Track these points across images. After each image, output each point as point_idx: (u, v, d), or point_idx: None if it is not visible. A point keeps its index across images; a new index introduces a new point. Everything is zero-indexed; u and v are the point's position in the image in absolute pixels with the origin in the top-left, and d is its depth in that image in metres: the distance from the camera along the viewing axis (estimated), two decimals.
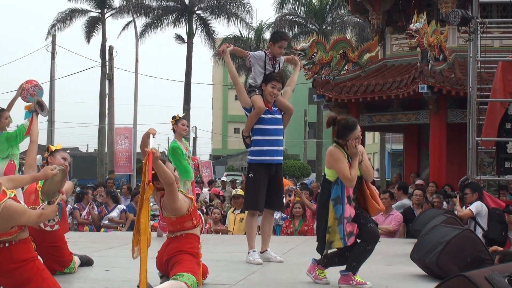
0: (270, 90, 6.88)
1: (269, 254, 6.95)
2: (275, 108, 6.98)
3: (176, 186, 5.17)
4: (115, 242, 8.80)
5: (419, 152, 17.33)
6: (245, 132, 7.01)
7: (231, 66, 7.17)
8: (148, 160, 4.86)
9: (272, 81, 6.89)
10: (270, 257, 6.92)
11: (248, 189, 7.10)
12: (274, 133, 6.92)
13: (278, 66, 7.07)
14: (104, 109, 33.34)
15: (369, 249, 5.64)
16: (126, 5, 34.25)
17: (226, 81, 56.92)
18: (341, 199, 5.52)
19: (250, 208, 7.01)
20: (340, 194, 5.53)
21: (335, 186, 5.57)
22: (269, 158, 6.91)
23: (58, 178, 4.97)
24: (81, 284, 5.68)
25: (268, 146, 6.92)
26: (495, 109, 10.00)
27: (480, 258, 5.95)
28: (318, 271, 5.80)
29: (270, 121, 6.92)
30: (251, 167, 6.96)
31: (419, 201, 10.70)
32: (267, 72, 6.96)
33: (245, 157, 37.78)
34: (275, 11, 36.28)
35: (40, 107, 7.05)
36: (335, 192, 5.56)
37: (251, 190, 6.95)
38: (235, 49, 7.32)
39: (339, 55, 15.26)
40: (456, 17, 10.05)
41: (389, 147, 41.41)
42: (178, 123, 9.05)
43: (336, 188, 5.56)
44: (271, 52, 7.00)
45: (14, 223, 4.58)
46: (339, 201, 5.52)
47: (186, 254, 5.19)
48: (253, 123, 6.91)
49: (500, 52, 12.21)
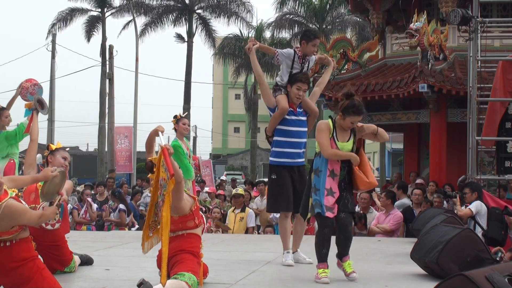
0: (296, 92, 6.63)
1: (299, 256, 6.90)
2: (300, 110, 6.75)
3: (182, 184, 5.18)
4: (115, 241, 8.80)
5: (419, 152, 17.33)
6: (268, 132, 6.81)
7: (256, 65, 6.84)
8: (164, 156, 4.85)
9: (298, 82, 6.62)
10: (299, 258, 6.85)
11: (271, 191, 6.85)
12: (297, 135, 6.71)
13: (307, 66, 6.83)
14: (104, 108, 33.33)
15: (342, 238, 5.91)
16: (126, 4, 34.27)
17: (226, 80, 56.86)
18: (320, 171, 5.79)
19: (272, 210, 6.84)
20: (320, 166, 5.80)
21: (316, 158, 5.89)
22: (290, 161, 6.71)
23: (57, 180, 4.99)
24: (81, 283, 5.68)
25: (290, 148, 6.70)
26: (495, 109, 10.00)
27: (480, 257, 5.95)
28: (319, 270, 5.83)
29: (294, 123, 6.69)
30: (273, 169, 6.75)
31: (419, 200, 10.70)
32: (294, 71, 6.73)
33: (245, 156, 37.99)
34: (275, 10, 36.35)
35: (40, 105, 7.05)
36: (315, 163, 5.88)
37: (275, 192, 6.74)
38: (262, 46, 7.09)
39: (339, 55, 15.25)
40: (456, 17, 10.05)
41: (389, 147, 41.38)
42: (179, 122, 9.06)
43: (317, 160, 5.86)
44: (301, 51, 6.75)
45: (15, 222, 4.58)
46: (317, 172, 5.81)
47: (187, 254, 5.19)
48: (276, 123, 6.68)
49: (500, 52, 12.21)
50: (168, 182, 4.79)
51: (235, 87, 51.95)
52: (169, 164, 4.79)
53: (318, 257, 5.90)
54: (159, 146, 4.96)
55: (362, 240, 9.55)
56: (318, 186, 5.77)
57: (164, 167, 4.83)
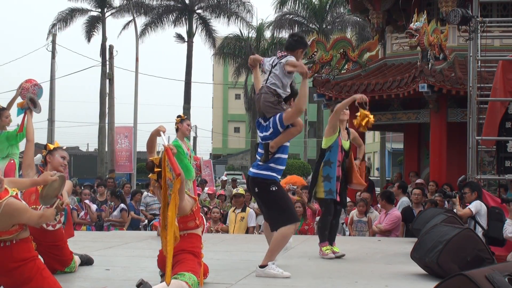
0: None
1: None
2: None
3: (184, 185, 5.19)
4: (115, 241, 8.80)
5: (419, 151, 17.32)
6: (276, 148, 6.08)
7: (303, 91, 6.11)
8: (168, 156, 4.85)
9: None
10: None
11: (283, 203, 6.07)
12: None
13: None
14: (104, 108, 33.34)
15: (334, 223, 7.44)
16: (126, 4, 34.27)
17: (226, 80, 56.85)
18: (332, 162, 7.27)
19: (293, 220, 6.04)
20: (331, 158, 7.28)
21: (327, 152, 7.31)
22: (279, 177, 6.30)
23: (56, 184, 5.01)
24: (81, 283, 5.68)
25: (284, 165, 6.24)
26: (495, 108, 9.99)
27: (480, 257, 5.95)
28: (324, 248, 7.19)
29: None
30: (274, 183, 6.08)
31: (418, 200, 10.70)
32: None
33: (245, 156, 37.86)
34: (275, 10, 36.33)
35: (32, 104, 7.04)
36: (326, 156, 7.32)
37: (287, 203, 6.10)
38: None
39: (339, 54, 15.25)
40: (456, 16, 10.04)
41: (389, 146, 41.39)
42: (184, 122, 9.01)
43: (327, 154, 7.32)
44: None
45: (16, 221, 4.59)
46: (329, 164, 7.27)
47: (187, 254, 5.19)
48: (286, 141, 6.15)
49: (500, 51, 12.19)
50: (174, 181, 4.80)
51: (235, 87, 51.97)
52: (174, 164, 4.80)
53: (321, 238, 7.28)
54: (163, 146, 4.96)
55: (363, 240, 9.57)
56: (332, 175, 7.24)
57: (169, 167, 4.83)
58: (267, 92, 6.10)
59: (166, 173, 4.89)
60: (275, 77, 6.11)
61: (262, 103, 6.10)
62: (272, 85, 6.11)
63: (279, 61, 6.13)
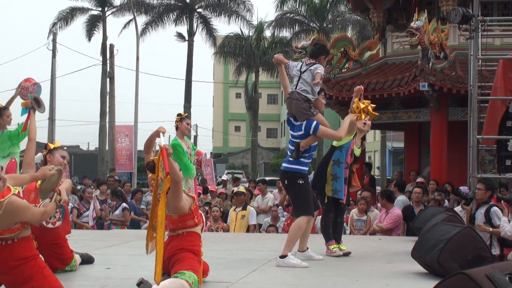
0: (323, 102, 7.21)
1: (310, 253, 7.05)
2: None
3: (182, 184, 5.21)
4: (115, 240, 8.80)
5: (420, 150, 17.32)
6: (305, 148, 6.74)
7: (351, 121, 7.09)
8: (162, 156, 4.89)
9: (322, 92, 7.11)
10: (312, 255, 7.02)
11: (303, 195, 6.75)
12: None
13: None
14: (105, 107, 33.35)
15: (339, 221, 7.57)
16: (127, 3, 34.24)
17: (227, 79, 56.88)
18: (341, 162, 7.30)
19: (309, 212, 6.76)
20: (341, 158, 7.32)
21: (337, 151, 7.34)
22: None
23: (55, 178, 5.10)
24: (81, 282, 5.69)
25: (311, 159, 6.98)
26: (496, 107, 9.98)
27: (481, 255, 5.95)
28: (331, 246, 7.25)
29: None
30: (302, 176, 6.76)
31: (419, 198, 10.67)
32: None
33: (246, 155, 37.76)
34: (276, 9, 36.35)
35: (37, 103, 7.05)
36: (335, 155, 7.35)
37: (307, 196, 6.76)
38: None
39: (340, 53, 15.23)
40: (457, 15, 10.03)
41: (390, 145, 41.39)
42: (183, 121, 8.99)
43: (337, 153, 7.34)
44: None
45: (18, 219, 4.60)
46: (338, 163, 7.31)
47: (187, 252, 5.20)
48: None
49: (501, 50, 12.19)
50: (164, 180, 4.84)
51: (235, 86, 51.99)
52: (166, 163, 4.83)
53: (326, 237, 7.36)
54: (159, 146, 4.98)
55: (363, 238, 9.56)
56: (340, 174, 7.29)
57: (162, 167, 4.87)
58: (299, 99, 6.76)
59: (159, 172, 4.93)
60: (305, 84, 6.80)
61: (294, 108, 6.80)
62: (303, 92, 6.79)
63: (308, 68, 6.82)
